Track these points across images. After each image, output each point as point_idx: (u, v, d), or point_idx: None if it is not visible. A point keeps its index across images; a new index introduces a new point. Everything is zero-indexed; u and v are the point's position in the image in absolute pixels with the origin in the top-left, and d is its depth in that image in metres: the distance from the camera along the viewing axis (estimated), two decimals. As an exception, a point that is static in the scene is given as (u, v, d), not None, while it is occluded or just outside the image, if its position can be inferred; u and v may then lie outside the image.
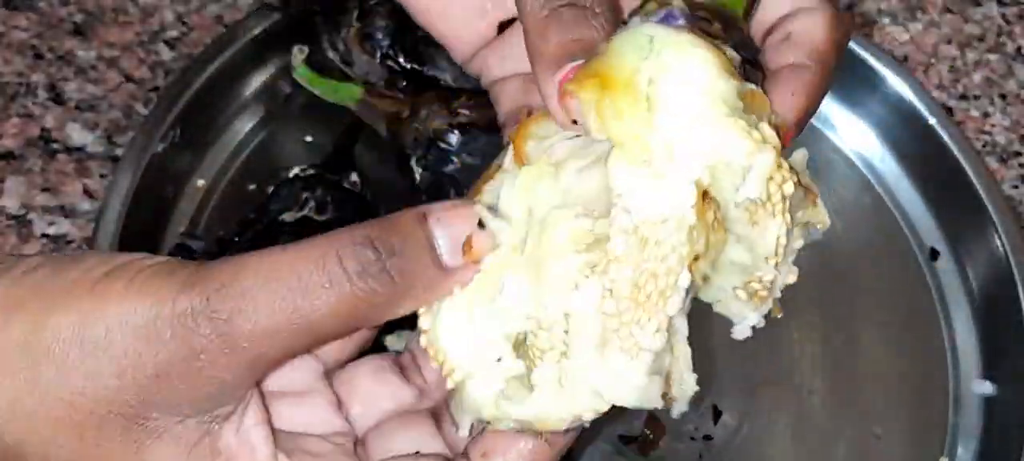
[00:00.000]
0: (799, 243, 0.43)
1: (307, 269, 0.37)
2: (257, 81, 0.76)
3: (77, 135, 0.74)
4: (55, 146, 0.74)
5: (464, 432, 0.42)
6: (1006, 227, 0.72)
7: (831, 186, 0.79)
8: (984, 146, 0.81)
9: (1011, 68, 0.84)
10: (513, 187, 0.40)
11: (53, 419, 0.37)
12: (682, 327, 0.41)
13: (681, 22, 0.40)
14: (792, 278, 0.43)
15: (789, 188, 0.39)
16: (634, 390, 0.39)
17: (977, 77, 0.84)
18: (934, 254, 0.76)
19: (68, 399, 0.36)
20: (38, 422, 0.37)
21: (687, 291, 0.39)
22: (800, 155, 0.43)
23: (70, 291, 0.37)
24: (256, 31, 0.74)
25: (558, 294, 0.38)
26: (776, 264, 0.41)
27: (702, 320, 0.42)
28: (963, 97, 0.83)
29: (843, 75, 0.78)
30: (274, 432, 0.40)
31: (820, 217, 0.43)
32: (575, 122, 0.39)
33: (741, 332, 0.43)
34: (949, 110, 0.81)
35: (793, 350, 0.72)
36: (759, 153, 0.38)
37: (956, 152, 0.74)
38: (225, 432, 0.38)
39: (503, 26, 0.50)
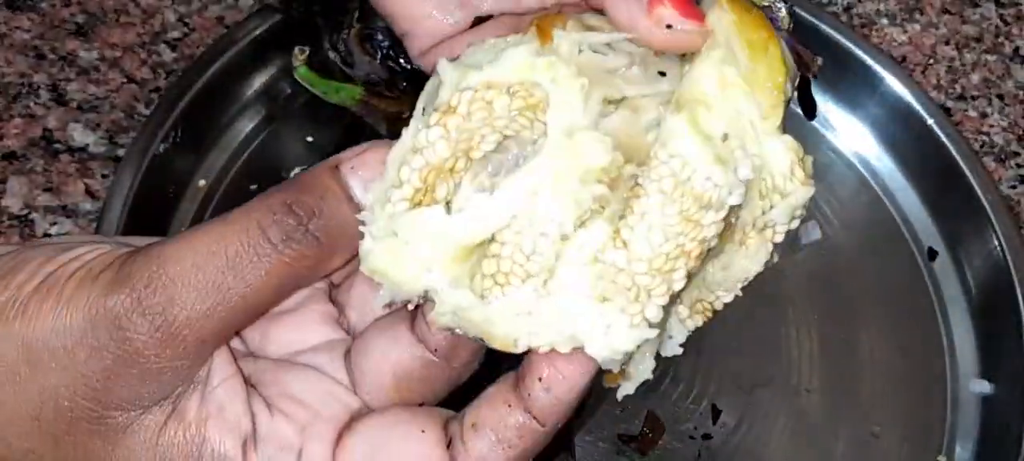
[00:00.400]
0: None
1: (232, 246, 0.36)
2: (258, 82, 0.76)
3: (79, 135, 0.74)
4: (57, 146, 0.74)
5: (377, 306, 0.40)
6: (1004, 227, 0.72)
7: (829, 186, 0.79)
8: (982, 146, 0.81)
9: (1009, 69, 0.85)
10: (535, 57, 0.37)
11: (25, 433, 0.38)
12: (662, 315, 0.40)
13: (783, 32, 0.40)
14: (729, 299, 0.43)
15: (796, 224, 0.39)
16: (615, 353, 0.37)
17: (975, 78, 0.84)
18: (932, 254, 0.76)
19: (33, 413, 0.37)
20: (12, 438, 0.38)
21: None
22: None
23: (2, 315, 0.37)
24: (257, 32, 0.75)
25: (560, 218, 0.37)
26: (741, 289, 0.41)
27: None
28: (961, 97, 0.83)
29: (841, 76, 0.78)
30: (248, 382, 0.40)
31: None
32: (670, 27, 0.38)
33: (669, 349, 0.43)
34: (947, 110, 0.82)
35: (792, 350, 0.72)
36: (803, 186, 0.38)
37: (954, 152, 0.75)
38: (190, 403, 0.38)
39: (478, 21, 0.50)
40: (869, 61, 0.78)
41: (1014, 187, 0.79)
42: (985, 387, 0.71)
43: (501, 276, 0.37)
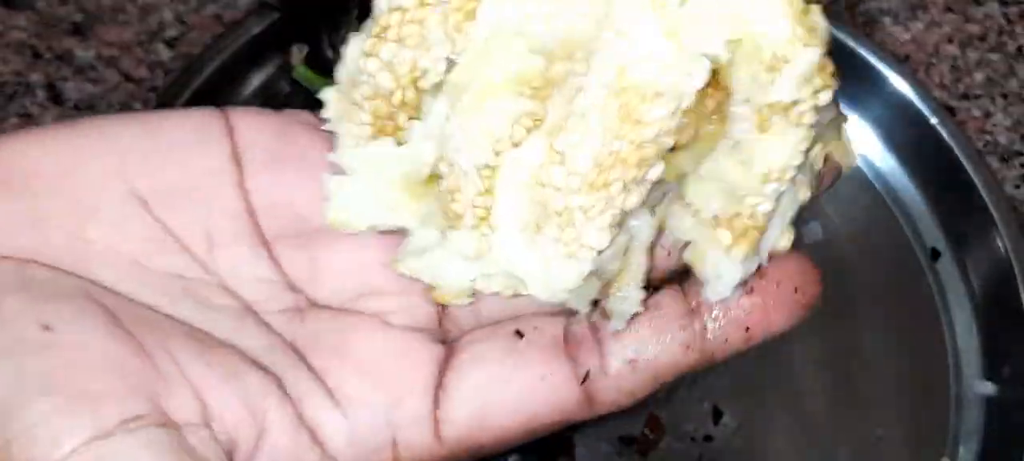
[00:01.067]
0: (804, 195, 0.34)
1: None
2: (256, 81, 0.76)
3: (76, 135, 0.74)
4: (54, 146, 0.74)
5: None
6: (1007, 227, 0.71)
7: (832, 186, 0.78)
8: (985, 146, 0.80)
9: (1012, 67, 0.84)
10: None
11: None
12: (643, 233, 0.33)
13: None
14: (786, 242, 0.34)
15: (826, 97, 0.32)
16: (561, 292, 0.31)
17: (978, 76, 0.84)
18: (935, 254, 0.76)
19: None
20: None
21: (658, 186, 0.31)
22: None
23: None
24: (255, 31, 0.74)
25: (486, 143, 0.30)
26: (777, 191, 0.32)
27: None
28: (965, 96, 0.83)
29: (844, 74, 0.78)
30: (295, 350, 0.35)
31: (844, 154, 0.35)
32: None
33: (717, 291, 0.34)
34: (950, 110, 0.81)
35: (793, 350, 0.71)
36: (805, 47, 0.31)
37: (957, 152, 0.74)
38: None
39: None
40: (872, 60, 0.77)
41: (1018, 187, 0.79)
42: (989, 388, 0.71)
43: (443, 216, 0.32)
